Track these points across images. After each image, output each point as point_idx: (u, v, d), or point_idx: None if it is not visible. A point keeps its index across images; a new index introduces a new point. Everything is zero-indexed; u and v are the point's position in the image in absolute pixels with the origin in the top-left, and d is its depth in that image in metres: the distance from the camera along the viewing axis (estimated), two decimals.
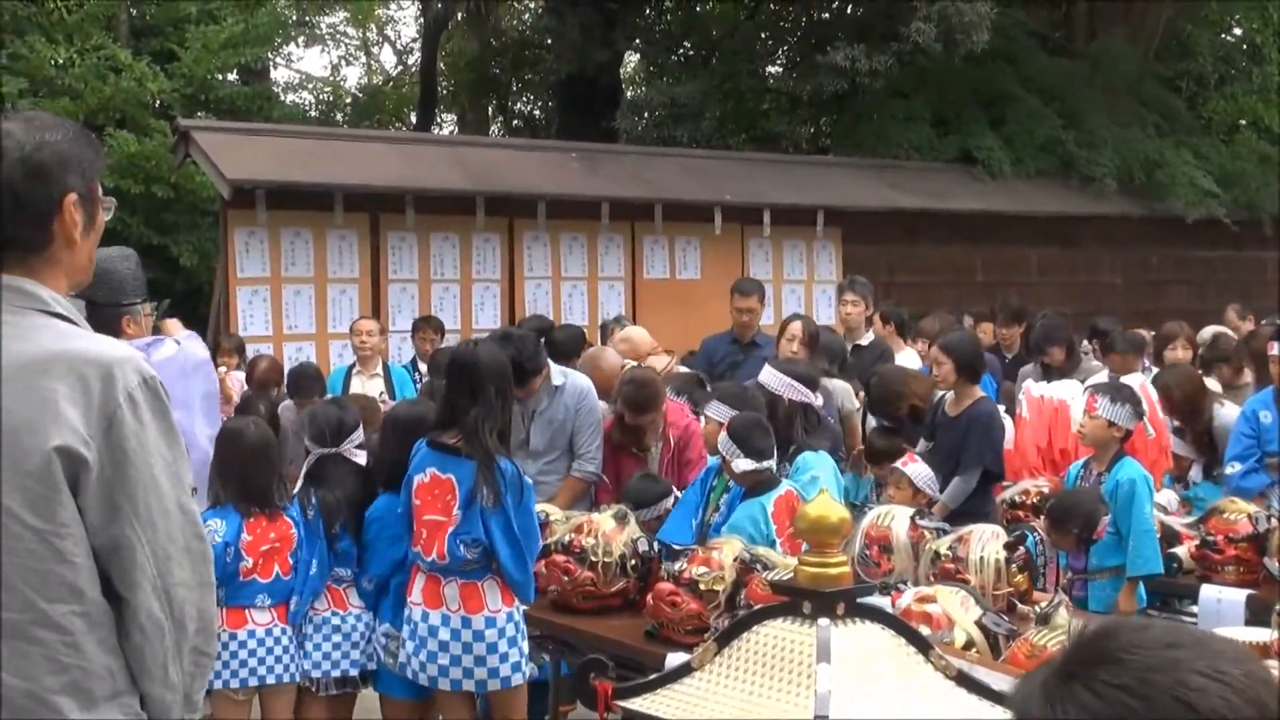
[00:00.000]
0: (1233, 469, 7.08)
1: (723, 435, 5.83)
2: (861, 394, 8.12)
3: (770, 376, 6.61)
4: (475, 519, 5.04)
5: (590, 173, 13.28)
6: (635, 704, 2.39)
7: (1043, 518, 5.99)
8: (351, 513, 5.58)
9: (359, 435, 5.75)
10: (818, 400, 6.71)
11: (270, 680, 5.37)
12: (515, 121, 25.18)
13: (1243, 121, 18.58)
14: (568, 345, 8.37)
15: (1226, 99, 18.64)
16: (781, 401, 6.50)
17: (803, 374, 6.79)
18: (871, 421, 7.86)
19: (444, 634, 5.10)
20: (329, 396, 8.41)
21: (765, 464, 5.75)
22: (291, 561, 5.43)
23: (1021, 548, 5.03)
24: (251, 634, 5.35)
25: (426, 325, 10.63)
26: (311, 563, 5.49)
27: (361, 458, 5.73)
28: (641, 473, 6.73)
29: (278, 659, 5.38)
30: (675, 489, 6.51)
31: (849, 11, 17.96)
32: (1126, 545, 5.97)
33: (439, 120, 26.01)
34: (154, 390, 2.43)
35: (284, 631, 5.40)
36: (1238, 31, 19.92)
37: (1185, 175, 16.25)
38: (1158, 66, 18.55)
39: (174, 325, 6.09)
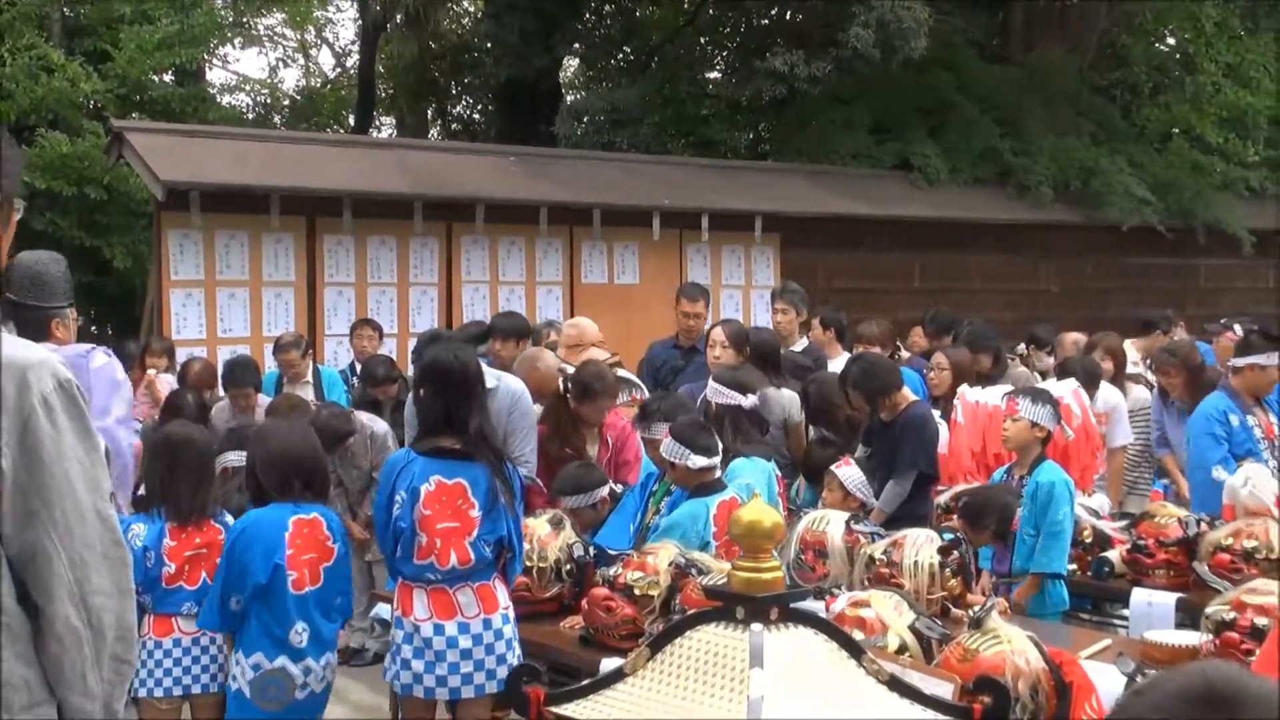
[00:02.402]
0: (1220, 473, 7.13)
1: (667, 440, 5.84)
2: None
3: (712, 392, 6.67)
4: (500, 519, 5.01)
5: (529, 177, 13.25)
6: (567, 710, 2.37)
7: (957, 517, 6.05)
8: None
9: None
10: (747, 402, 6.72)
11: (196, 690, 5.26)
12: (454, 125, 25.07)
13: (1176, 130, 18.77)
14: (510, 330, 8.40)
15: (1160, 108, 18.85)
16: (710, 407, 6.53)
17: (729, 379, 6.82)
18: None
19: (465, 642, 4.99)
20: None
21: (715, 460, 5.79)
22: None
23: (955, 552, 5.06)
24: (177, 643, 5.25)
25: (366, 325, 10.58)
26: None
27: None
28: (578, 463, 6.72)
29: (204, 668, 5.27)
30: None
31: (788, 17, 18.01)
32: None
33: (377, 123, 25.88)
34: (70, 394, 2.38)
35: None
36: (1171, 41, 20.14)
37: (1120, 183, 16.39)
38: (1093, 75, 18.72)
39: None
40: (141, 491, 5.50)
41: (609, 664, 3.89)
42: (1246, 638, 4.19)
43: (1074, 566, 6.44)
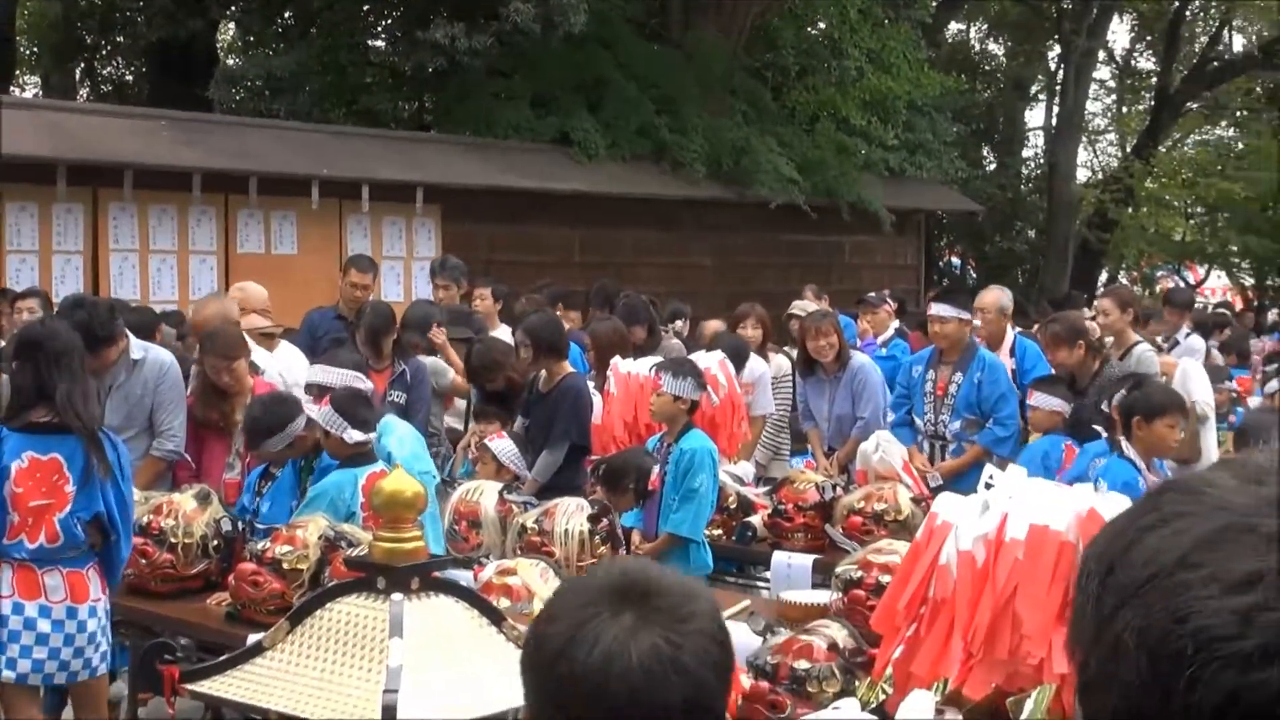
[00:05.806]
0: (890, 417, 7.82)
1: (325, 409, 5.78)
2: None
3: (322, 373, 6.55)
4: (94, 494, 4.87)
5: (182, 142, 12.84)
6: (204, 686, 2.37)
7: (599, 484, 6.22)
8: None
9: None
10: (367, 385, 6.71)
11: None
12: (104, 87, 23.98)
13: (823, 112, 19.50)
14: (140, 327, 8.17)
15: (808, 90, 19.53)
16: None
17: (348, 360, 6.82)
18: None
19: (44, 625, 4.84)
20: None
21: (371, 435, 5.79)
22: None
23: (605, 519, 5.21)
24: None
25: (1, 298, 10.06)
26: None
27: None
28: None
29: None
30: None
31: None
32: None
33: (20, 83, 24.54)
34: None
35: None
36: (822, 25, 20.88)
37: (770, 162, 16.94)
38: (746, 58, 19.27)
39: None
40: None
41: (256, 639, 3.86)
42: (871, 595, 4.43)
43: (719, 531, 6.71)
